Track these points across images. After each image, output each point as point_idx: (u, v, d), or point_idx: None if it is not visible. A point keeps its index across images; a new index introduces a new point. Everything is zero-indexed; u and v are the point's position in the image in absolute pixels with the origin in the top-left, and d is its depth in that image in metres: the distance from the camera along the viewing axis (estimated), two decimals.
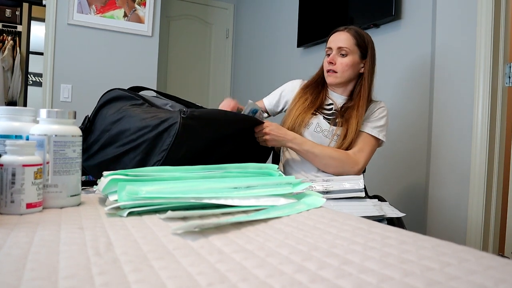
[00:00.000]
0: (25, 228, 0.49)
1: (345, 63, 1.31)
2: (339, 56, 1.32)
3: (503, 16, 1.57)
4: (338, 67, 1.32)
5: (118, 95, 1.02)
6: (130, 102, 1.00)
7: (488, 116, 1.55)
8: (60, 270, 0.35)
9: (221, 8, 3.83)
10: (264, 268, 0.37)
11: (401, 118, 1.97)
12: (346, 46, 1.30)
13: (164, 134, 0.91)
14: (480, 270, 0.37)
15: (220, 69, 3.84)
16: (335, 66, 1.32)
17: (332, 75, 1.33)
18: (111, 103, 1.00)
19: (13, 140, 0.60)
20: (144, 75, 2.87)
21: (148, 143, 0.91)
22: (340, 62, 1.31)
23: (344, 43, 1.31)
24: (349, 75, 1.33)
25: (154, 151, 0.92)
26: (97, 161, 0.94)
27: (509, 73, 1.58)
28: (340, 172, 1.26)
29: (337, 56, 1.32)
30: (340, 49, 1.31)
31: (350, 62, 1.31)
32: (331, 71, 1.33)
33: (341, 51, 1.31)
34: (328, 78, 1.35)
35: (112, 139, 0.94)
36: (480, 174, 1.55)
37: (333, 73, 1.33)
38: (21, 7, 4.09)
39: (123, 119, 0.94)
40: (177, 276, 0.34)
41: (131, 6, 2.81)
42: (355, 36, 1.32)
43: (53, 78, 2.64)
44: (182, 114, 0.92)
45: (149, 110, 0.97)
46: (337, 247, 0.45)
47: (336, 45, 1.32)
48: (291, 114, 1.36)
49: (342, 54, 1.31)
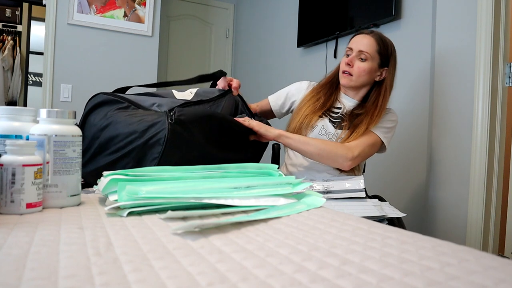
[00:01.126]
0: (25, 228, 0.49)
1: (362, 68, 1.27)
2: (358, 60, 1.28)
3: (503, 16, 1.57)
4: (355, 71, 1.28)
5: (103, 100, 1.01)
6: (116, 106, 0.99)
7: (488, 116, 1.55)
8: (60, 270, 0.35)
9: (221, 8, 3.83)
10: (264, 268, 0.37)
11: (402, 118, 1.97)
12: (367, 51, 1.27)
13: (153, 141, 0.91)
14: (480, 270, 0.37)
15: (220, 69, 3.84)
16: (351, 68, 1.29)
17: (347, 77, 1.30)
18: (97, 109, 0.99)
19: (13, 140, 0.60)
20: (144, 75, 2.87)
21: (138, 151, 0.91)
22: (357, 66, 1.28)
23: (366, 47, 1.27)
24: (363, 81, 1.30)
25: (146, 157, 0.92)
26: (91, 168, 0.94)
27: (509, 73, 1.58)
28: (333, 159, 1.21)
29: (356, 59, 1.29)
30: (361, 53, 1.28)
31: (368, 68, 1.28)
32: (347, 72, 1.30)
33: (361, 54, 1.27)
34: (343, 79, 1.31)
35: (102, 146, 0.94)
36: (480, 174, 1.55)
37: (348, 76, 1.29)
38: (21, 7, 4.10)
39: (111, 125, 0.94)
40: (177, 276, 0.34)
41: (131, 6, 2.81)
42: (379, 43, 1.29)
43: (53, 78, 2.64)
44: (169, 120, 0.91)
45: (136, 113, 0.96)
46: (337, 247, 0.45)
47: (357, 47, 1.29)
48: (299, 113, 1.33)
49: (361, 58, 1.28)
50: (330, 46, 2.53)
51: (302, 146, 1.20)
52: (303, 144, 1.20)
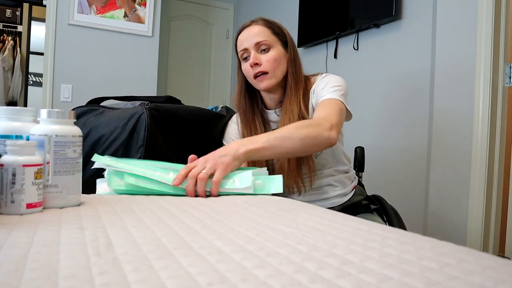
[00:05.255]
0: (25, 228, 0.49)
1: (272, 57, 1.09)
2: (261, 53, 1.10)
3: (503, 16, 1.57)
4: (266, 65, 1.08)
5: (79, 113, 1.05)
6: (92, 114, 1.03)
7: (488, 116, 1.55)
8: (60, 270, 0.35)
9: (221, 8, 3.83)
10: (264, 268, 0.37)
11: (402, 118, 1.97)
12: (264, 38, 1.09)
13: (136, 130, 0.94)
14: (479, 271, 0.37)
15: (220, 70, 3.84)
16: (261, 66, 1.09)
17: (263, 78, 1.09)
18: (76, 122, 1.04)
19: (13, 140, 0.60)
20: (144, 75, 2.87)
21: (124, 146, 0.94)
22: (265, 59, 1.09)
23: (260, 36, 1.09)
24: (282, 71, 1.11)
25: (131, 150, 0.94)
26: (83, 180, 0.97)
27: (509, 73, 1.58)
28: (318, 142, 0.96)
29: (258, 55, 1.10)
30: (259, 45, 1.09)
31: (276, 55, 1.09)
32: (260, 74, 1.09)
33: (261, 46, 1.10)
34: (261, 84, 1.10)
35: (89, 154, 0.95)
36: (481, 174, 1.55)
37: (264, 75, 1.09)
38: (21, 7, 4.10)
39: (92, 131, 0.97)
40: (177, 276, 0.34)
41: (131, 6, 2.82)
42: (268, 26, 1.12)
43: (53, 78, 2.64)
44: (145, 106, 0.96)
45: (112, 114, 0.99)
46: (337, 248, 0.45)
47: (251, 42, 1.10)
48: None
49: (263, 50, 1.10)
50: (330, 46, 2.53)
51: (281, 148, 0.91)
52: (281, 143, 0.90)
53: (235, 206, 0.71)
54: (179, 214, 0.62)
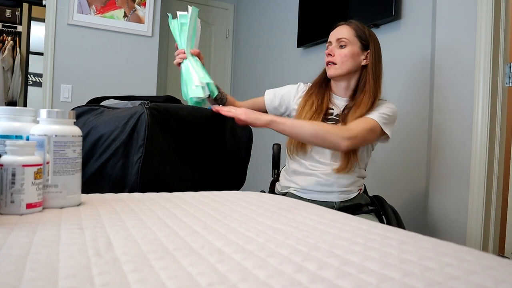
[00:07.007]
0: (25, 228, 0.49)
1: (343, 53, 1.28)
2: (338, 48, 1.29)
3: (503, 16, 1.57)
4: (337, 58, 1.28)
5: (79, 112, 1.04)
6: (92, 113, 1.03)
7: (488, 116, 1.55)
8: (60, 270, 0.35)
9: (221, 8, 3.83)
10: (265, 268, 0.37)
11: (401, 118, 1.97)
12: (345, 36, 1.28)
13: (136, 130, 0.94)
14: (479, 270, 0.37)
15: (220, 69, 3.84)
16: (333, 57, 1.29)
17: (332, 67, 1.30)
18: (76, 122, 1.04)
19: (13, 140, 0.60)
20: (144, 75, 2.87)
21: (125, 145, 0.93)
22: (338, 53, 1.29)
23: (343, 34, 1.29)
24: (349, 67, 1.28)
25: (132, 149, 0.94)
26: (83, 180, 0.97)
27: (509, 73, 1.58)
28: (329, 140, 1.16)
29: (336, 48, 1.30)
30: (339, 41, 1.29)
31: (349, 52, 1.27)
32: (330, 63, 1.30)
33: (340, 42, 1.29)
34: (329, 71, 1.31)
35: (89, 153, 0.95)
36: (480, 174, 1.55)
37: (333, 65, 1.29)
38: (21, 7, 4.09)
39: (92, 130, 0.97)
40: (177, 276, 0.34)
41: (131, 6, 2.81)
42: (354, 28, 1.30)
43: (53, 78, 2.64)
44: (145, 106, 0.96)
45: (112, 113, 0.99)
46: (337, 248, 0.45)
47: (335, 37, 1.30)
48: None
49: (341, 45, 1.29)
50: None
51: (296, 130, 1.17)
52: (297, 127, 1.17)
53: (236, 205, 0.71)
54: (179, 214, 0.62)
